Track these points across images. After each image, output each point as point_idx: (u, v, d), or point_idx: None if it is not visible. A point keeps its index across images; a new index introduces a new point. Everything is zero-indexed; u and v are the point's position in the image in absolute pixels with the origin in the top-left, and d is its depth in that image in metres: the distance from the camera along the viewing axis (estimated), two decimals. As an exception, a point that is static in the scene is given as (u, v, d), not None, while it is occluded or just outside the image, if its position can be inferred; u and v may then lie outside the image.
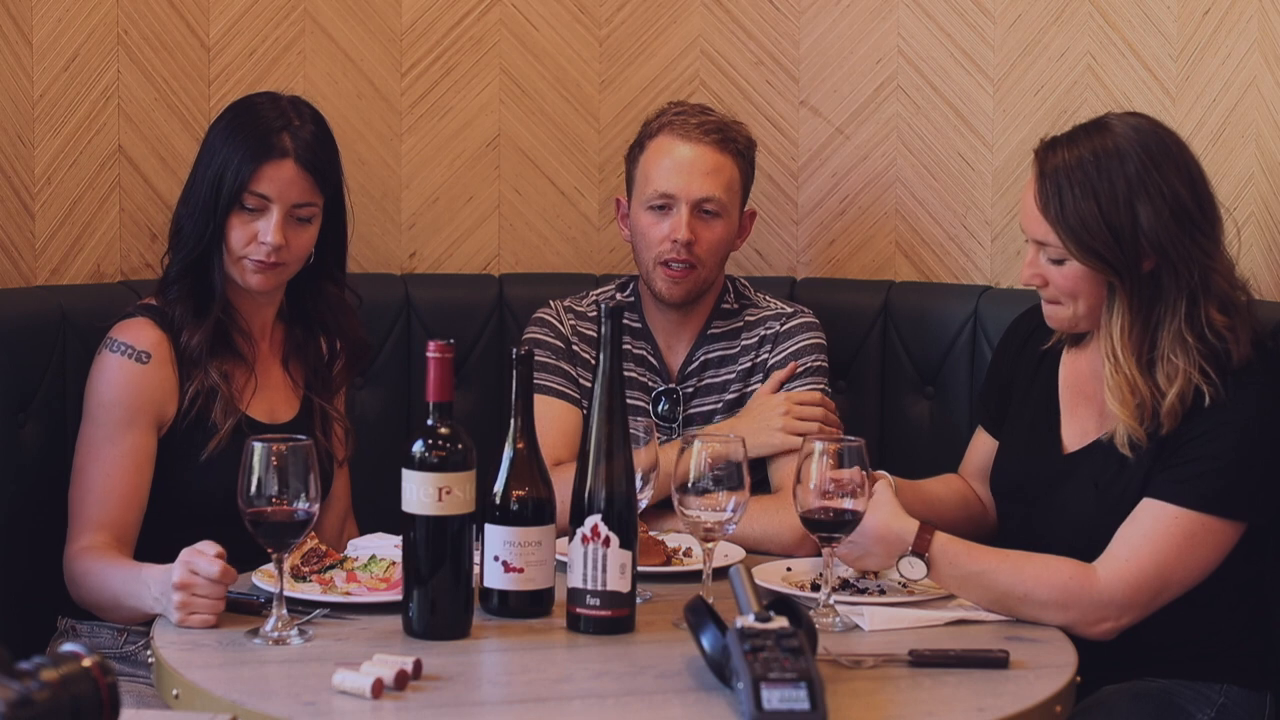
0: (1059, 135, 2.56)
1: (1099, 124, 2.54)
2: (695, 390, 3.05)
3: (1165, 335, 2.48)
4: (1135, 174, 2.46)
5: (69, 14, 3.07)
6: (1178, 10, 3.12)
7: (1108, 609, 2.42)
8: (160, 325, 2.69)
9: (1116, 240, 2.46)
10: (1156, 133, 2.53)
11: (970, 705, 2.12)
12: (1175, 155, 2.51)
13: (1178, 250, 2.46)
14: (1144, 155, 2.48)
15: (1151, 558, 2.42)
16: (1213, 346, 2.47)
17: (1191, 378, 2.46)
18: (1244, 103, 3.03)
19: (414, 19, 3.40)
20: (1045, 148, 2.54)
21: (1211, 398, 2.46)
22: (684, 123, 3.00)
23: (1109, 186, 2.46)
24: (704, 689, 2.11)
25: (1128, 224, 2.46)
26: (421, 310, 3.29)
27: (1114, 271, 2.48)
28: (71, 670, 1.53)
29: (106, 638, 2.71)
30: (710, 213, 2.98)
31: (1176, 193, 2.47)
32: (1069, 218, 2.47)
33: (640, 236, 3.02)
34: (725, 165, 2.99)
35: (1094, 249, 2.47)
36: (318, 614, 2.36)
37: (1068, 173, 2.49)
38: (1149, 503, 2.46)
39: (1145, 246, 2.46)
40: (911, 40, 3.38)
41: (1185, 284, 2.47)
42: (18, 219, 3.03)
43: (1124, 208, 2.46)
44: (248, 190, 2.64)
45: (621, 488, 2.31)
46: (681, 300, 3.02)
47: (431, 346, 2.30)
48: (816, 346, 3.04)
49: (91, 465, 2.65)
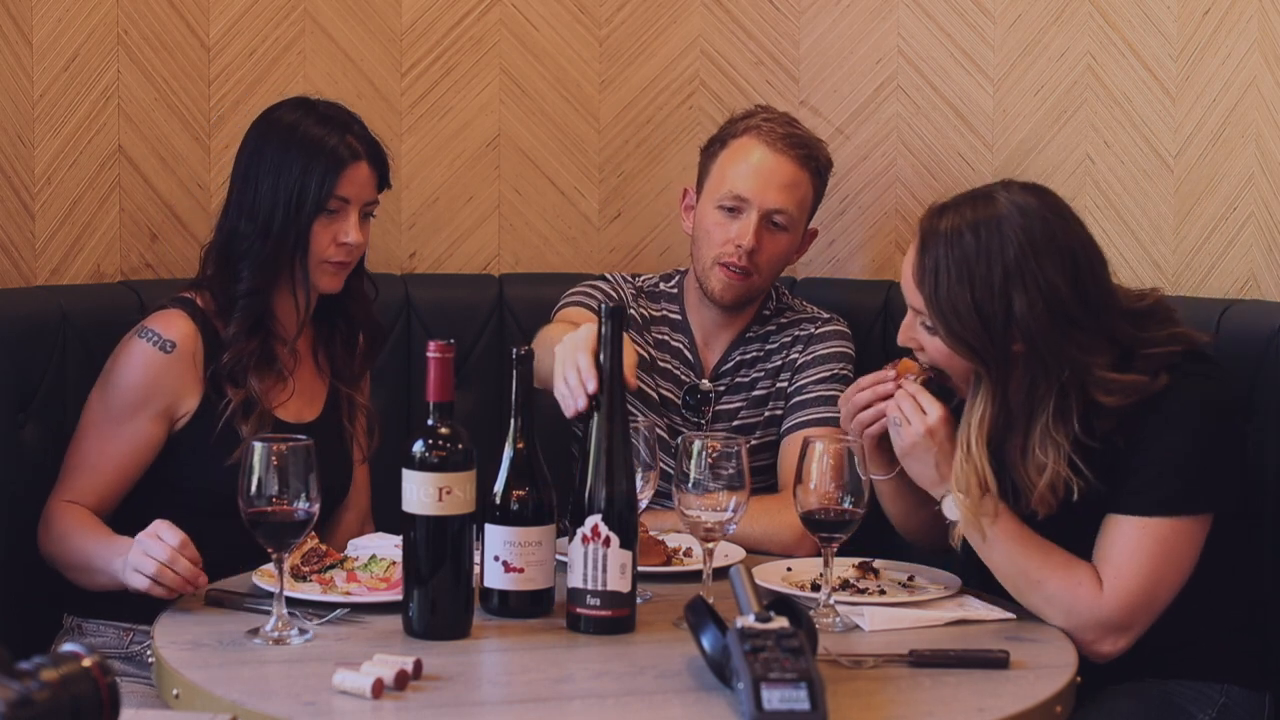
0: (946, 203, 2.49)
1: (987, 196, 2.47)
2: (726, 388, 3.05)
3: (1036, 430, 2.43)
4: (1014, 262, 2.39)
5: (69, 14, 3.07)
6: (1178, 10, 3.12)
7: (1105, 628, 2.42)
8: (194, 319, 2.72)
9: (986, 329, 2.40)
10: (1043, 215, 2.43)
11: (970, 705, 2.12)
12: (1060, 241, 2.42)
13: (1049, 345, 2.40)
14: (1025, 243, 2.40)
15: (1135, 572, 2.42)
16: (1087, 446, 2.42)
17: (1060, 472, 2.42)
18: (1244, 103, 3.03)
19: (414, 19, 3.40)
20: (930, 215, 2.48)
21: (1080, 491, 2.42)
22: (771, 130, 2.99)
23: (985, 274, 2.39)
24: (704, 689, 2.11)
25: (1000, 314, 2.39)
26: (421, 310, 3.30)
27: (981, 361, 2.43)
28: (71, 670, 1.53)
29: (111, 636, 2.73)
30: (779, 225, 2.98)
31: (1054, 285, 2.39)
32: (941, 301, 2.42)
33: (704, 233, 3.01)
34: (802, 181, 3.00)
35: (963, 337, 2.42)
36: (338, 614, 2.36)
37: (947, 249, 2.42)
38: (1117, 520, 2.44)
39: (1016, 335, 2.40)
40: (911, 40, 3.38)
41: (1055, 378, 2.41)
42: (18, 219, 3.03)
43: (998, 297, 2.39)
44: (333, 195, 2.70)
45: (622, 488, 2.31)
46: (733, 303, 3.02)
47: (431, 346, 2.30)
48: (843, 355, 3.04)
49: (92, 436, 2.70)
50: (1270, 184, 3.00)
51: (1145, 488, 2.43)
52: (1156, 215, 3.13)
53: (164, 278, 3.19)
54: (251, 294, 2.72)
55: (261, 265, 2.71)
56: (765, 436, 3.02)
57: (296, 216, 2.69)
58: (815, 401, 2.99)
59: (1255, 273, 3.00)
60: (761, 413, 3.04)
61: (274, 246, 2.70)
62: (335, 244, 2.73)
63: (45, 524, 2.68)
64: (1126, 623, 2.43)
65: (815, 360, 3.03)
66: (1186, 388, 2.46)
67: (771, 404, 3.04)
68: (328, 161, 2.70)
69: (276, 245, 2.70)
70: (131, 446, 2.68)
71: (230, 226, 2.75)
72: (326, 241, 2.72)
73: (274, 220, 2.70)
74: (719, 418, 3.04)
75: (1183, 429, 2.45)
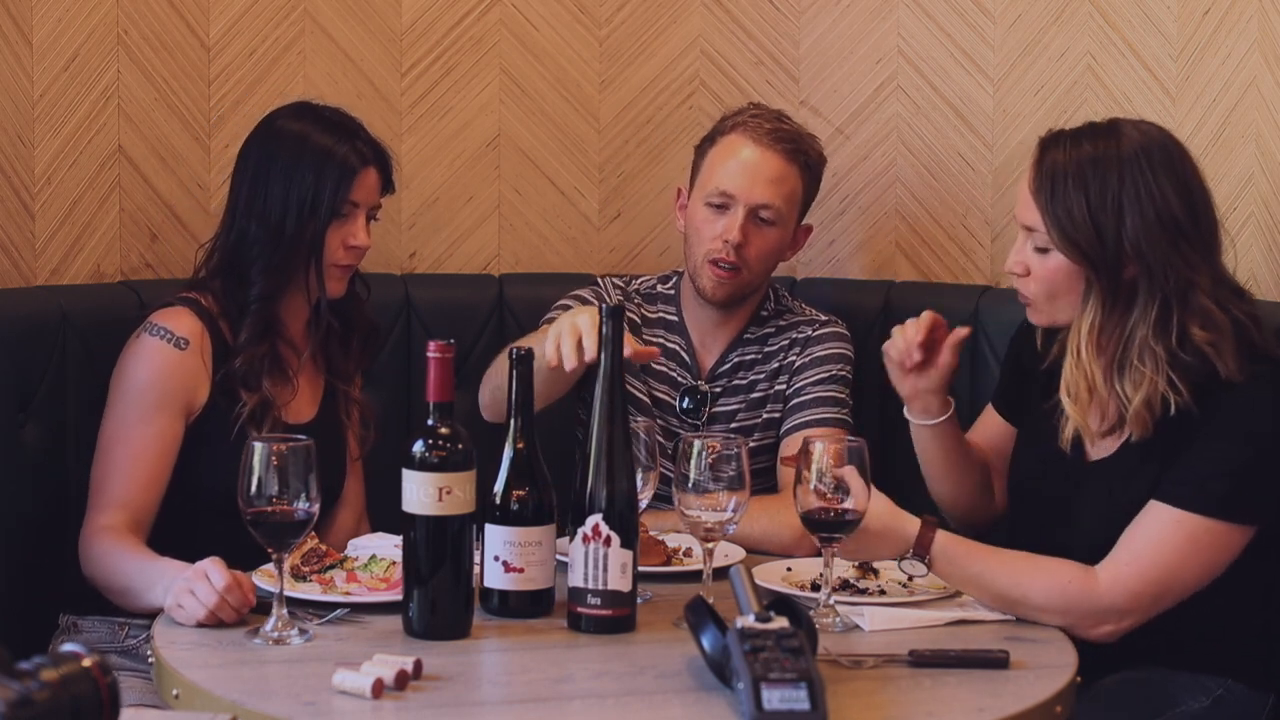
0: (1066, 129, 2.56)
1: (1109, 125, 2.54)
2: (723, 390, 3.05)
3: (1135, 342, 2.47)
4: (1129, 175, 2.46)
5: (69, 14, 3.07)
6: (1178, 10, 3.12)
7: (1107, 614, 2.42)
8: (200, 317, 2.73)
9: (1099, 237, 2.46)
10: (1163, 141, 2.51)
11: (970, 705, 2.12)
12: (1176, 165, 2.49)
13: (1157, 256, 2.45)
14: (1143, 159, 2.47)
15: (1153, 562, 2.42)
16: (1184, 361, 2.45)
17: (1158, 386, 2.45)
18: (1244, 103, 3.03)
19: (414, 19, 3.40)
20: (1050, 138, 2.54)
21: (1178, 407, 2.44)
22: (758, 125, 2.99)
23: (1100, 184, 2.46)
24: (704, 689, 2.11)
25: (1112, 223, 2.45)
26: (421, 310, 3.30)
27: (1091, 267, 2.47)
28: (71, 670, 1.53)
29: (105, 632, 2.73)
30: (766, 220, 2.97)
31: (1167, 199, 2.46)
32: (1057, 208, 2.48)
33: (694, 231, 3.01)
34: (790, 175, 2.99)
35: (1076, 242, 2.47)
36: (339, 614, 2.36)
37: (1065, 165, 2.49)
38: (1154, 505, 2.45)
39: (1127, 249, 2.45)
40: (911, 40, 3.38)
41: (1160, 291, 2.46)
42: (18, 219, 3.03)
43: (1111, 206, 2.46)
44: (346, 199, 2.74)
45: (622, 487, 2.31)
46: (724, 301, 3.02)
47: (431, 346, 2.30)
48: (842, 356, 3.04)
49: (119, 445, 2.68)
50: (1270, 184, 3.00)
51: (1197, 481, 2.43)
52: (1156, 215, 3.13)
53: (164, 278, 3.19)
54: (263, 299, 2.75)
55: (274, 271, 2.74)
56: (764, 439, 3.01)
57: (310, 222, 2.73)
58: (814, 402, 2.99)
59: (1255, 273, 3.00)
60: (759, 415, 3.03)
61: (286, 252, 2.74)
62: (345, 247, 2.77)
63: (82, 550, 2.65)
64: (1129, 609, 2.42)
65: (813, 362, 3.02)
66: (1263, 392, 2.46)
67: (769, 406, 3.03)
68: (340, 168, 2.74)
69: (289, 251, 2.74)
70: (161, 445, 2.68)
71: (239, 233, 2.76)
72: (336, 244, 2.76)
73: (285, 227, 2.73)
74: (716, 419, 3.03)
75: (1254, 439, 2.44)
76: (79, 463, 2.84)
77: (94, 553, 2.62)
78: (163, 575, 2.42)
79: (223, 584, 2.32)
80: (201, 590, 2.32)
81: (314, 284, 2.76)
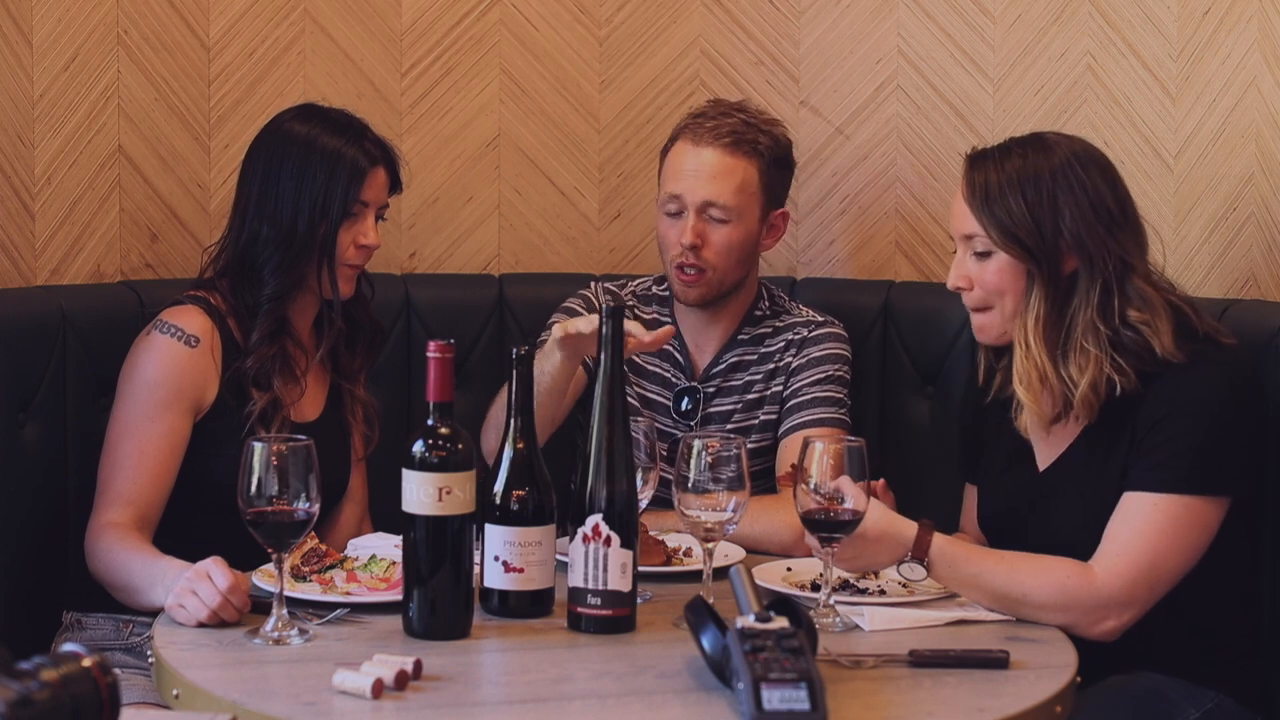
0: (990, 146, 2.64)
1: (1033, 137, 2.64)
2: (718, 390, 3.05)
3: (1079, 325, 2.54)
4: (1060, 169, 2.56)
5: (69, 14, 3.07)
6: (1178, 10, 3.12)
7: (1108, 607, 2.43)
8: (210, 315, 2.74)
9: (1039, 231, 2.54)
10: (1089, 148, 2.62)
11: (970, 705, 2.12)
12: (1105, 167, 2.61)
13: (1095, 243, 2.54)
14: (1074, 161, 2.58)
15: (1142, 549, 2.45)
16: (1126, 340, 2.53)
17: (1103, 366, 2.52)
18: (1244, 103, 3.03)
19: (414, 19, 3.40)
20: (976, 154, 2.64)
21: (1123, 389, 2.51)
22: (698, 125, 2.99)
23: (1035, 185, 2.56)
24: (704, 689, 2.11)
25: (1050, 218, 2.55)
26: (421, 310, 3.30)
27: (1033, 260, 2.55)
28: (71, 670, 1.53)
29: (110, 629, 2.73)
30: (718, 218, 2.97)
31: (1100, 192, 2.56)
32: (996, 210, 2.56)
33: (660, 238, 3.04)
34: (736, 168, 2.98)
35: (1017, 237, 2.55)
36: (339, 614, 2.36)
37: (997, 165, 2.58)
38: (1130, 496, 2.49)
39: (1067, 240, 2.54)
40: (911, 40, 3.38)
41: (1100, 276, 2.54)
42: (18, 219, 3.03)
43: (1048, 203, 2.55)
44: (356, 200, 2.76)
45: (622, 487, 2.31)
46: (698, 302, 3.02)
47: (431, 346, 2.30)
48: (839, 357, 3.04)
49: (127, 441, 2.68)
50: (1270, 184, 3.00)
51: (1163, 463, 2.48)
52: (1156, 215, 3.12)
53: (164, 278, 3.19)
54: (275, 299, 2.76)
55: (286, 271, 2.76)
56: (761, 441, 3.01)
57: (322, 223, 2.75)
58: (812, 403, 2.99)
59: (1255, 273, 3.00)
60: (756, 416, 3.03)
61: (299, 253, 2.75)
62: (355, 247, 2.79)
63: (88, 545, 2.66)
64: (1127, 599, 2.44)
65: (810, 363, 3.02)
66: (1210, 369, 2.52)
67: (766, 408, 3.03)
68: (350, 169, 2.76)
69: (301, 251, 2.75)
70: (169, 443, 2.68)
71: (251, 234, 2.77)
72: (347, 244, 2.78)
73: (297, 228, 2.75)
74: (710, 420, 3.03)
75: (1207, 408, 2.50)
76: (79, 462, 2.84)
77: (98, 548, 2.62)
78: (163, 574, 2.42)
79: (226, 584, 2.32)
80: (204, 590, 2.32)
81: (326, 284, 2.78)
